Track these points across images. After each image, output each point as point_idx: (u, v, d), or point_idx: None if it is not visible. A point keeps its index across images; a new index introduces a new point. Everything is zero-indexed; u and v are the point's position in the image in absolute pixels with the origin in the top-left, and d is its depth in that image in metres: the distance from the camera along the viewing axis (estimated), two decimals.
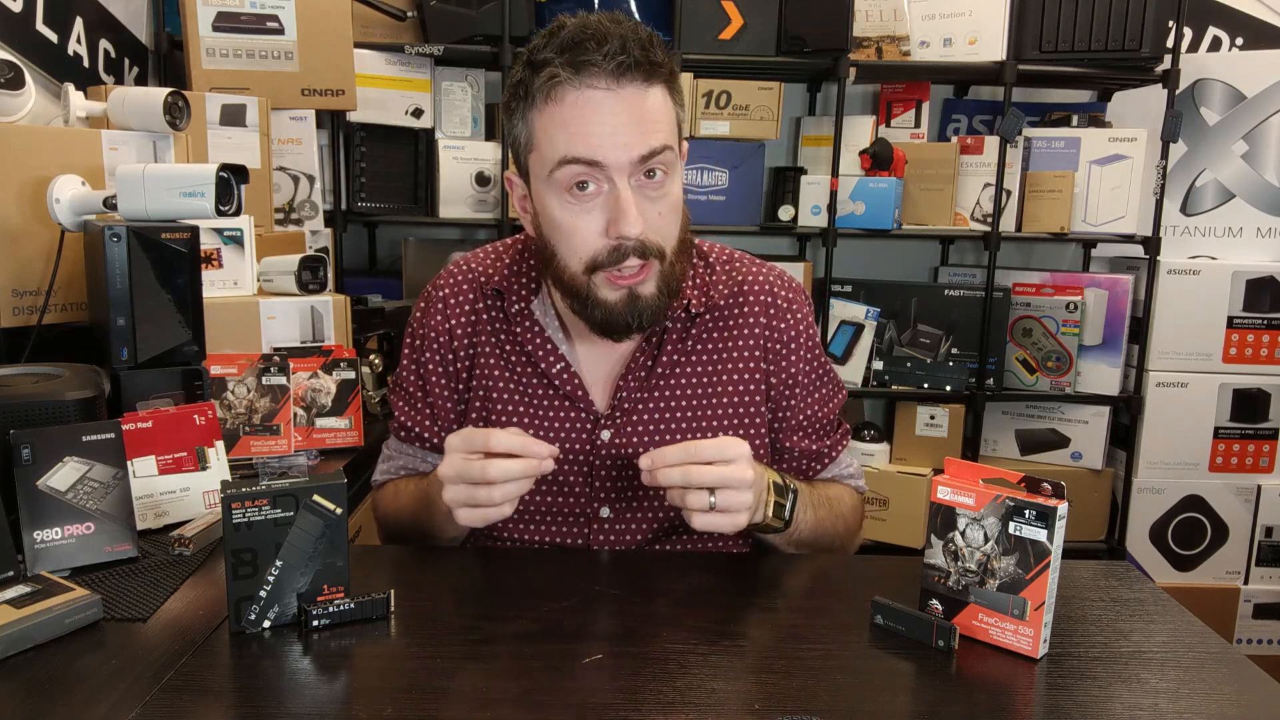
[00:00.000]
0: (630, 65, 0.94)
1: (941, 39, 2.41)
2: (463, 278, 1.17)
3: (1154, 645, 0.88)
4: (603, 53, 0.93)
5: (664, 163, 0.99)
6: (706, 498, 0.94)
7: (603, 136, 0.95)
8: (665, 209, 1.01)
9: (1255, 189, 2.52)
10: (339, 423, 1.49)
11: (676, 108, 1.02)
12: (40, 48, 1.71)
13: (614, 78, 0.94)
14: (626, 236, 0.97)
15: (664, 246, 1.02)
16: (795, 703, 0.75)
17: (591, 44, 0.94)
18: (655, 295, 1.02)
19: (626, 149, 0.96)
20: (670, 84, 1.01)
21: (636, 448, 1.10)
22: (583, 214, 0.99)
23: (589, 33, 0.94)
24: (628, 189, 0.97)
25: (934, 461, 2.51)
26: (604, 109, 0.95)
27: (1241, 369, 2.47)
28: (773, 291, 1.16)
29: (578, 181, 0.98)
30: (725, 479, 0.94)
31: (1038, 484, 0.83)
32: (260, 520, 0.84)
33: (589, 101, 0.95)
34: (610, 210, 0.98)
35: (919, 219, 2.49)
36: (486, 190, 2.40)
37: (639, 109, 0.96)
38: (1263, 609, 2.52)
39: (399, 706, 0.74)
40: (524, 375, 1.12)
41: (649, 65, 0.96)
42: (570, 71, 0.94)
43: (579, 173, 0.97)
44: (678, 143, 1.03)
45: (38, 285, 1.38)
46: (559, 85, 0.95)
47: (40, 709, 0.72)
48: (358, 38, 2.11)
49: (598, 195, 0.98)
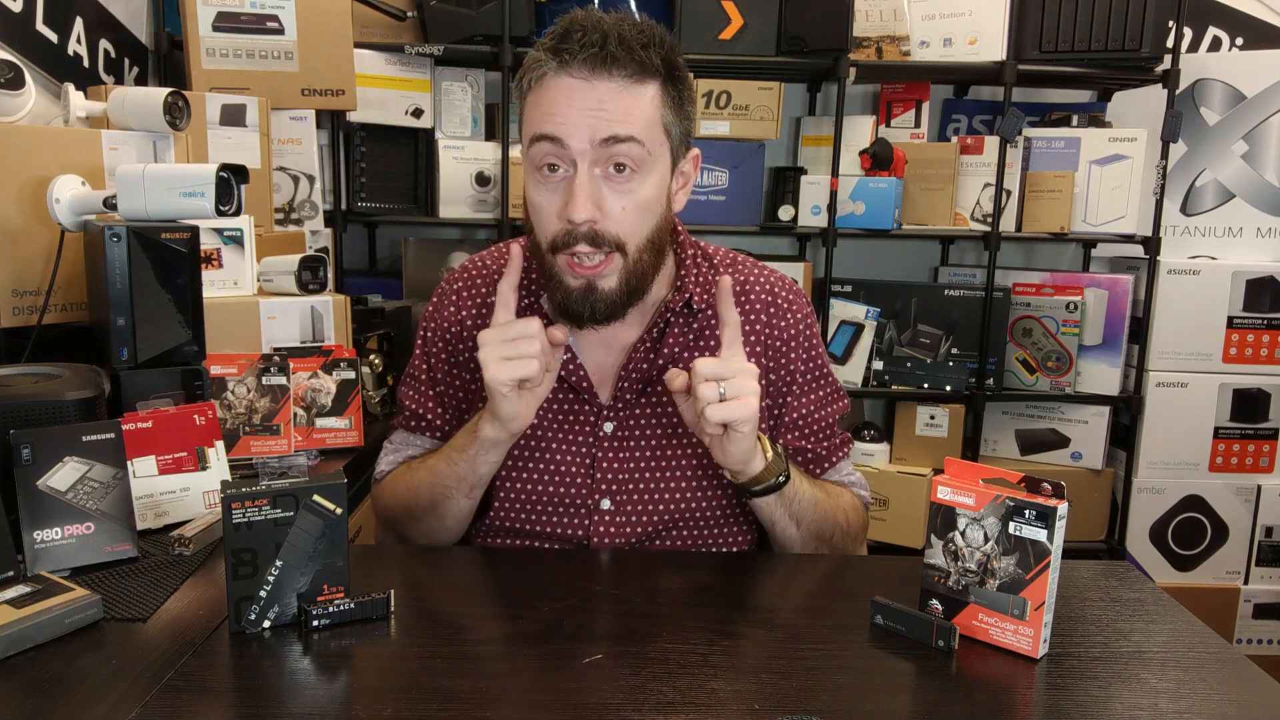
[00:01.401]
0: (606, 59, 0.97)
1: (941, 39, 2.41)
2: (476, 273, 1.21)
3: (1154, 645, 0.88)
4: (580, 44, 0.96)
5: (630, 156, 0.99)
6: (716, 388, 0.98)
7: (567, 116, 0.98)
8: (629, 204, 1.01)
9: (1255, 189, 2.52)
10: (339, 423, 1.49)
11: (668, 110, 1.02)
12: (40, 48, 1.71)
13: (589, 68, 0.97)
14: (572, 220, 0.99)
15: (624, 241, 1.02)
16: (795, 703, 0.75)
17: (575, 35, 0.97)
18: (615, 290, 1.04)
19: (588, 130, 0.97)
20: (667, 86, 1.02)
21: (639, 440, 1.13)
22: (548, 194, 1.02)
23: (577, 25, 0.98)
24: (586, 174, 0.99)
25: (934, 461, 2.51)
26: (574, 94, 0.98)
27: (1241, 369, 2.47)
28: (773, 291, 1.19)
29: (548, 162, 1.00)
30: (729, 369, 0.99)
31: (1038, 484, 0.83)
32: (260, 520, 0.84)
33: (564, 87, 0.98)
34: (567, 193, 1.00)
35: (919, 219, 2.49)
36: (486, 190, 2.40)
37: (610, 99, 0.98)
38: (1263, 609, 2.52)
39: (399, 706, 0.74)
40: None
41: (630, 62, 0.98)
42: (551, 59, 0.98)
43: (547, 151, 1.00)
44: (665, 145, 1.03)
45: (38, 285, 1.38)
46: (543, 74, 0.99)
47: (40, 709, 0.72)
48: (358, 38, 2.11)
49: (561, 180, 1.01)
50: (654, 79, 1.00)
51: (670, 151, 1.04)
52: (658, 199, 1.04)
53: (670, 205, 1.08)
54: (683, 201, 1.11)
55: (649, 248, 1.05)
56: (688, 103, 1.05)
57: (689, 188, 1.12)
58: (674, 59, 1.02)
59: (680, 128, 1.05)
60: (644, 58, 0.98)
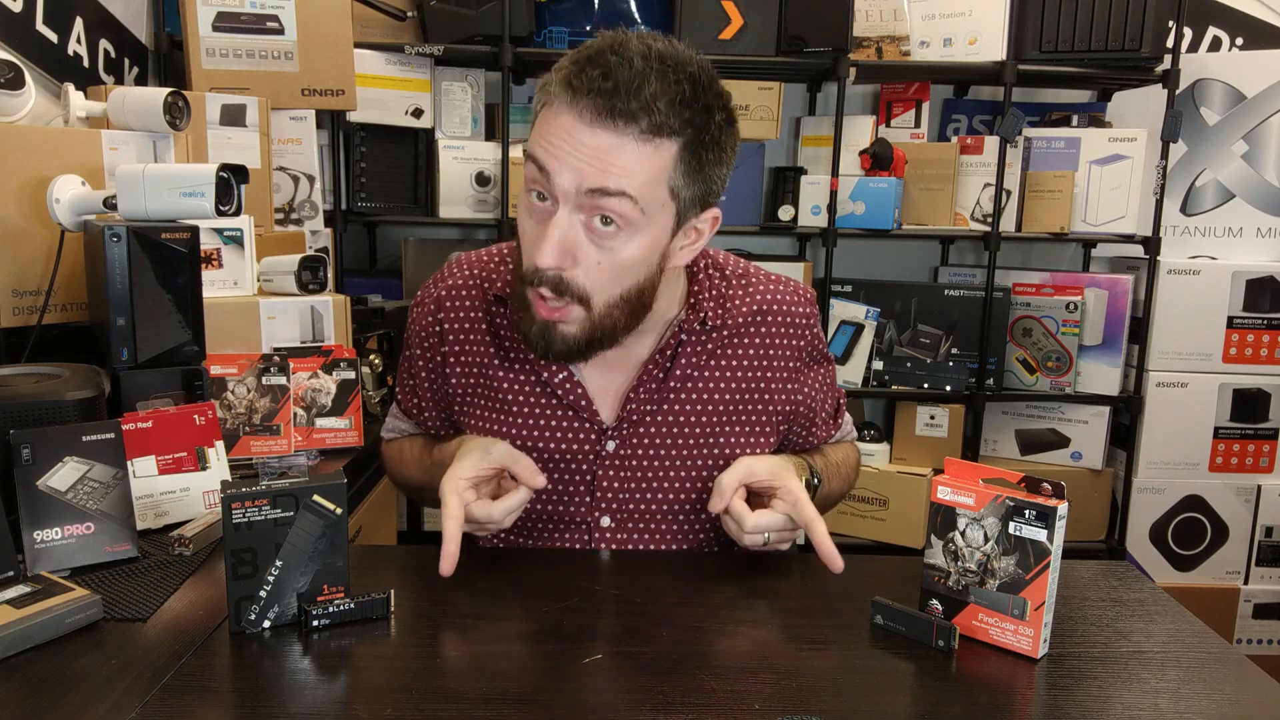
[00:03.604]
0: (614, 111, 0.88)
1: (941, 39, 2.41)
2: (464, 280, 1.13)
3: (1154, 645, 0.88)
4: (594, 83, 0.88)
5: (617, 212, 0.91)
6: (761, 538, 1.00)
7: (560, 150, 0.90)
8: (605, 262, 0.94)
9: (1255, 189, 2.52)
10: (339, 423, 1.49)
11: (680, 173, 0.93)
12: (40, 48, 1.71)
13: (594, 112, 0.89)
14: (536, 265, 0.93)
15: (589, 295, 0.95)
16: (795, 703, 0.75)
17: (593, 72, 0.88)
18: (574, 338, 0.98)
19: (576, 174, 0.90)
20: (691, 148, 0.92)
21: (641, 459, 1.09)
22: (531, 222, 0.96)
23: (601, 60, 0.89)
24: (565, 219, 0.92)
25: (934, 461, 2.51)
26: (573, 134, 0.90)
27: (1241, 369, 2.47)
28: (792, 311, 1.14)
29: (536, 189, 0.94)
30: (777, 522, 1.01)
31: (1038, 484, 0.83)
32: (260, 520, 0.84)
33: (565, 125, 0.90)
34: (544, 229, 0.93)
35: (919, 219, 2.49)
36: (486, 190, 2.40)
37: (609, 151, 0.89)
38: (1263, 609, 2.52)
39: (399, 706, 0.74)
40: (527, 382, 1.09)
41: (644, 118, 0.89)
42: (564, 90, 0.90)
43: (535, 177, 0.93)
44: (667, 208, 0.94)
45: (38, 285, 1.38)
46: (555, 97, 0.91)
47: (40, 709, 0.72)
48: (358, 38, 2.10)
49: (546, 212, 0.94)
50: (672, 140, 0.91)
51: (675, 214, 0.95)
52: (643, 260, 0.96)
53: (665, 260, 0.99)
54: (686, 258, 1.02)
55: (622, 305, 0.97)
56: (714, 165, 0.95)
57: (699, 245, 1.02)
58: (709, 120, 0.92)
59: (695, 189, 0.95)
60: (664, 118, 0.89)
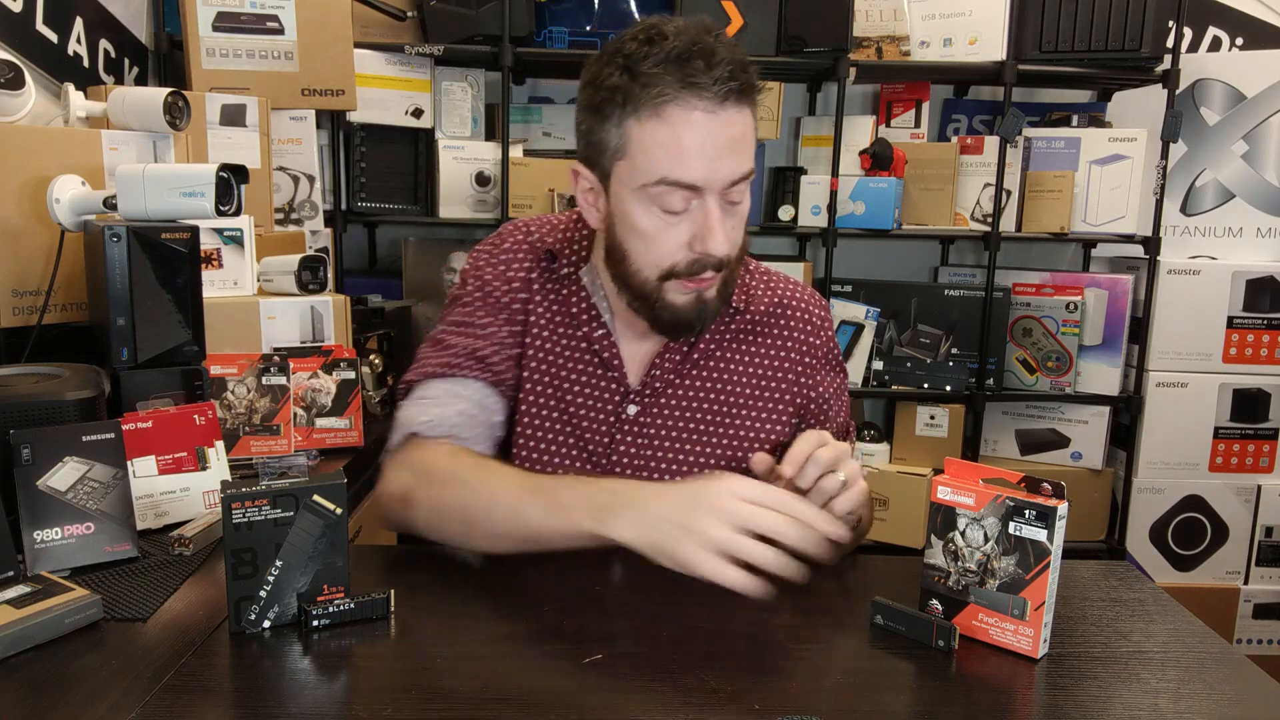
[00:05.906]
0: (736, 90, 0.96)
1: (941, 39, 2.41)
2: (523, 237, 1.19)
3: (1154, 645, 0.88)
4: (713, 76, 0.94)
5: (746, 179, 1.02)
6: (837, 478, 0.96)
7: (705, 161, 0.97)
8: (738, 223, 1.04)
9: (1255, 189, 2.52)
10: (339, 423, 1.49)
11: None
12: (40, 48, 1.71)
13: (719, 100, 0.95)
14: (711, 255, 1.01)
15: (734, 257, 1.06)
16: (795, 703, 0.75)
17: (700, 63, 0.94)
18: (716, 299, 1.07)
19: (723, 174, 0.98)
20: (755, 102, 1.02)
21: (660, 429, 1.13)
22: (668, 227, 1.01)
23: (697, 48, 0.94)
24: (717, 209, 1.00)
25: (934, 461, 2.51)
26: (704, 132, 0.96)
27: (1241, 369, 2.47)
28: (809, 310, 1.21)
29: (676, 209, 1.00)
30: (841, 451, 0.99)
31: (1038, 484, 0.83)
32: (260, 520, 0.84)
33: (693, 124, 0.96)
34: (697, 227, 1.00)
35: (919, 219, 2.49)
36: (486, 190, 2.40)
37: (737, 133, 0.98)
38: (1263, 609, 2.52)
39: (399, 706, 0.74)
40: (564, 335, 1.15)
41: (750, 89, 0.98)
42: (678, 90, 0.95)
43: (683, 197, 0.99)
44: None
45: (38, 285, 1.38)
46: (666, 103, 0.95)
47: (40, 709, 0.72)
48: (358, 38, 2.11)
49: (686, 211, 1.01)
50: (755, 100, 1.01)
51: None
52: (749, 206, 1.07)
53: None
54: None
55: (740, 254, 1.08)
56: None
57: None
58: None
59: None
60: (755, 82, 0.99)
